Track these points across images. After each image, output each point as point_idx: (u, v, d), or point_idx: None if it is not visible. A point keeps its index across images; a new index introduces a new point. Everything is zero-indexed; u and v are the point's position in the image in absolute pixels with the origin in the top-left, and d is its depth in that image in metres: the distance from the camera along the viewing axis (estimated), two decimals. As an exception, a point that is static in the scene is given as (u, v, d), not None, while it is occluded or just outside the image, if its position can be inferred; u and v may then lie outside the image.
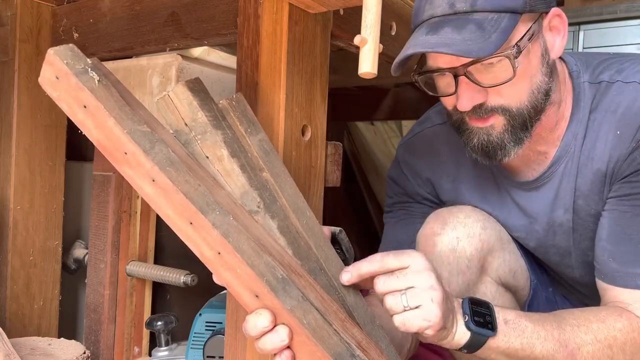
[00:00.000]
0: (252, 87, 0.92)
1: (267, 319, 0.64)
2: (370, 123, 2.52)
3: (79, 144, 1.58)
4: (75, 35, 1.31)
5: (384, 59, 0.92)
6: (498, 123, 0.86)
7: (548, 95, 0.87)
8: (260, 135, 0.78)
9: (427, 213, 1.03)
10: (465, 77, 0.82)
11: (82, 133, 0.68)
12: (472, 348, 0.78)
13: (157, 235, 1.50)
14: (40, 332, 1.39)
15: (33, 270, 1.38)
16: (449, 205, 1.04)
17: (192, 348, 1.33)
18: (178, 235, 0.66)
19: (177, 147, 0.70)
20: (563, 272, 1.06)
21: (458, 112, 0.87)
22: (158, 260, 1.51)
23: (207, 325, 1.33)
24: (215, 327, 1.32)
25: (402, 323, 0.72)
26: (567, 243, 0.99)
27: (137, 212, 1.45)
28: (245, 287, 0.65)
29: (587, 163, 0.92)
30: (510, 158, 0.88)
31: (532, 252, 1.06)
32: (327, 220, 0.98)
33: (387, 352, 0.74)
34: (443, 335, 0.76)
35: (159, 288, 1.52)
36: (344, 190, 2.70)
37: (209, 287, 0.99)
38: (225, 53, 1.29)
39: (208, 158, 0.72)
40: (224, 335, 0.96)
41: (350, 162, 2.70)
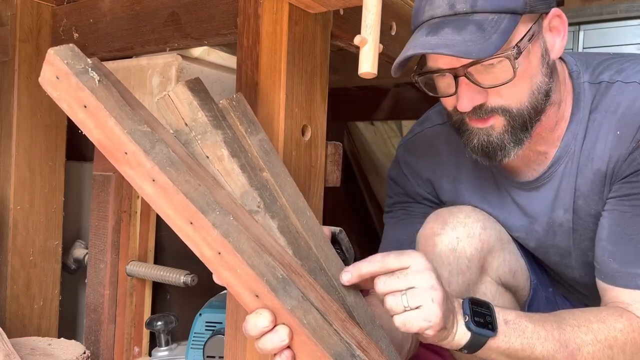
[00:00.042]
0: (252, 87, 0.92)
1: (267, 319, 0.64)
2: (370, 123, 2.52)
3: (79, 144, 1.58)
4: (75, 35, 1.31)
5: (384, 59, 0.92)
6: (498, 124, 0.86)
7: (548, 96, 0.87)
8: (261, 135, 0.78)
9: (427, 213, 1.03)
10: (466, 77, 0.82)
11: (82, 133, 0.68)
12: (472, 348, 0.78)
13: (157, 235, 1.50)
14: (40, 332, 1.39)
15: (33, 270, 1.38)
16: (449, 206, 1.04)
17: (192, 348, 1.33)
18: (178, 235, 0.66)
19: (177, 147, 0.70)
20: (563, 272, 1.06)
21: (458, 112, 0.87)
22: (158, 260, 1.51)
23: (207, 325, 1.33)
24: (215, 327, 1.32)
25: (402, 323, 0.72)
26: (567, 243, 0.99)
27: (137, 212, 1.45)
28: (246, 287, 0.65)
29: (587, 163, 0.92)
30: (510, 158, 0.88)
31: (532, 252, 1.06)
32: (327, 220, 0.98)
33: (387, 352, 0.74)
34: (443, 336, 0.76)
35: (159, 288, 1.52)
36: (344, 190, 2.69)
37: (209, 287, 0.99)
38: (225, 53, 1.29)
39: (208, 158, 0.72)
40: (224, 335, 0.96)
41: (350, 162, 2.70)
